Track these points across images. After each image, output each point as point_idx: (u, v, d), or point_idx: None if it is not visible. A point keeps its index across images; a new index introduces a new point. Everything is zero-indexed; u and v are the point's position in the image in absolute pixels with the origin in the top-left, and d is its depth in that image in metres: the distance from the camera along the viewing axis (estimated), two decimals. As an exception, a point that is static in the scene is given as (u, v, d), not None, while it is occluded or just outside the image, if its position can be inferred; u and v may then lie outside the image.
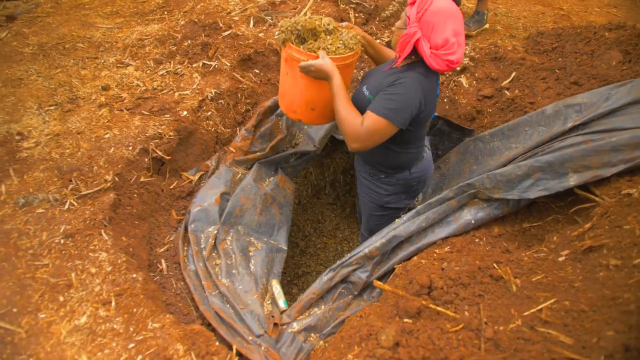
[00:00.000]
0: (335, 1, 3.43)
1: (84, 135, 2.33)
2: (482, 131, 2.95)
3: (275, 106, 2.93)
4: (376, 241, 2.08)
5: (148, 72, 2.83)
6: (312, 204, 3.68)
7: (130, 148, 2.28)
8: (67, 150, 2.24)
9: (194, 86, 2.74)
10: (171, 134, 2.42)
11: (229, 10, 3.31)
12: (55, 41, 3.00)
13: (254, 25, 3.22)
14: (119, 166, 2.20)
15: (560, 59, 3.07)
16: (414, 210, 2.12)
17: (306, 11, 3.30)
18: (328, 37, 2.03)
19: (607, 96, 2.27)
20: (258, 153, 2.71)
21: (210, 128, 2.65)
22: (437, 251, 2.02)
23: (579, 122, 2.21)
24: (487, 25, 3.51)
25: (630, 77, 2.58)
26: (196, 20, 3.17)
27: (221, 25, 3.12)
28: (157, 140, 2.36)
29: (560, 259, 1.79)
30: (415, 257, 2.02)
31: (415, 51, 1.86)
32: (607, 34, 2.93)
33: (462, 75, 3.20)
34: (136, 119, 2.45)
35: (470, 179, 2.22)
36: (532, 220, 2.13)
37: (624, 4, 4.53)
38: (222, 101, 2.76)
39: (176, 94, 2.67)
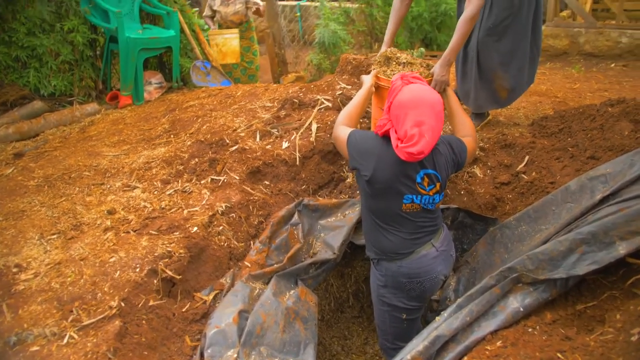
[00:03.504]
0: (338, 109, 3.49)
1: (87, 261, 2.17)
2: (506, 219, 2.80)
3: (289, 215, 2.81)
4: (418, 344, 1.82)
5: (155, 192, 2.76)
6: (336, 319, 3.39)
7: (138, 270, 2.10)
8: (69, 279, 2.06)
9: (203, 202, 2.65)
10: (181, 251, 2.26)
11: (234, 127, 3.34)
12: (61, 172, 2.97)
13: (260, 139, 3.23)
14: (125, 290, 2.00)
15: (569, 139, 3.03)
16: (454, 304, 1.89)
17: (311, 121, 3.33)
18: (398, 66, 2.47)
19: (631, 163, 2.18)
20: (275, 265, 2.53)
21: (222, 243, 2.49)
22: (488, 348, 1.76)
23: (608, 193, 2.09)
24: (490, 117, 3.53)
25: (649, 144, 2.51)
26: (202, 139, 3.18)
27: (228, 141, 3.12)
28: (166, 260, 2.19)
29: (633, 338, 1.54)
30: (465, 359, 1.75)
31: None
32: (610, 109, 2.92)
33: (475, 166, 3.13)
34: (143, 240, 2.30)
35: (518, 257, 2.03)
36: (585, 300, 1.89)
37: (613, 88, 4.66)
38: (234, 215, 2.64)
39: (185, 211, 2.56)
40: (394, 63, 2.49)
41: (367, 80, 2.40)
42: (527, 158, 2.98)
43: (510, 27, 2.93)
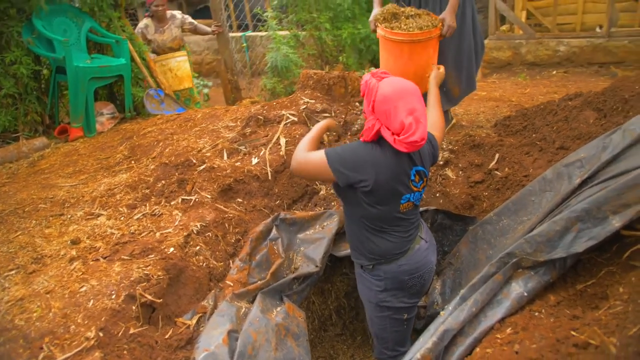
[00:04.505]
0: (305, 123, 3.44)
1: (54, 293, 1.95)
2: (485, 216, 2.80)
3: (267, 231, 2.69)
4: (426, 342, 1.74)
5: (122, 218, 2.57)
6: (320, 339, 3.24)
7: (114, 296, 1.91)
8: (35, 314, 1.84)
9: (176, 223, 2.49)
10: (159, 273, 2.09)
11: (199, 148, 3.21)
12: (13, 207, 2.73)
13: (228, 157, 3.11)
14: (102, 319, 1.81)
15: (534, 135, 3.10)
16: (458, 297, 1.84)
17: (279, 135, 3.25)
18: (408, 19, 2.63)
19: (604, 146, 2.22)
20: (259, 282, 2.39)
21: (201, 264, 2.34)
22: (499, 336, 1.70)
23: (586, 176, 2.12)
24: (454, 121, 3.59)
25: (613, 128, 2.59)
26: (167, 162, 3.03)
27: (194, 161, 2.99)
28: (144, 284, 2.02)
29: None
30: (477, 349, 1.68)
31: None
32: (570, 102, 3.03)
33: (447, 168, 3.14)
34: (116, 266, 2.11)
35: (505, 249, 2.00)
36: (583, 280, 1.88)
37: (561, 90, 4.89)
38: (210, 234, 2.49)
39: (157, 233, 2.39)
40: (403, 17, 2.68)
41: (322, 122, 2.22)
42: (497, 156, 3.02)
43: (459, 28, 3.03)
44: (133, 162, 3.23)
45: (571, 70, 5.75)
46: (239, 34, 9.47)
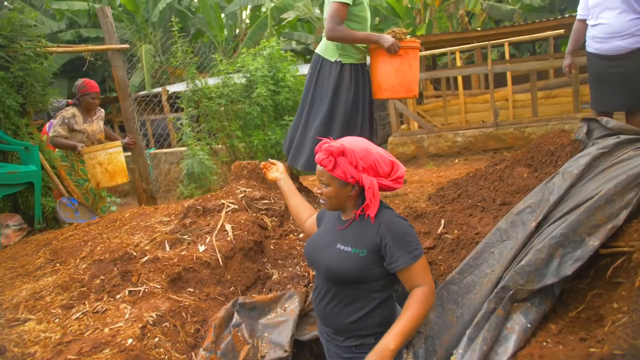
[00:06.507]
0: (246, 210, 3.33)
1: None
2: (444, 280, 2.81)
3: (229, 316, 2.44)
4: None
5: (57, 321, 2.18)
6: None
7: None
8: None
9: (127, 316, 2.16)
10: (121, 369, 1.75)
11: (135, 243, 2.93)
12: None
13: (171, 248, 2.87)
14: None
15: (469, 200, 3.29)
16: (465, 338, 1.76)
17: (223, 222, 3.10)
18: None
19: (548, 190, 2.40)
20: (229, 373, 2.10)
21: (162, 357, 2.01)
22: (521, 371, 1.62)
23: (540, 218, 2.25)
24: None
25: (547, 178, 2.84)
26: (101, 258, 2.70)
27: (135, 254, 2.70)
28: (104, 382, 1.67)
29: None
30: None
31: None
32: (497, 166, 3.31)
33: (396, 239, 3.16)
34: (63, 368, 1.74)
35: (490, 294, 1.99)
36: (573, 307, 1.91)
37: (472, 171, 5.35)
38: (167, 324, 2.19)
39: (106, 329, 2.05)
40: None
41: (282, 180, 2.37)
42: (443, 221, 3.12)
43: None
44: (58, 264, 2.84)
45: (470, 157, 6.37)
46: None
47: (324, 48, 3.42)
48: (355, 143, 1.86)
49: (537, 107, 6.52)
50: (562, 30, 6.05)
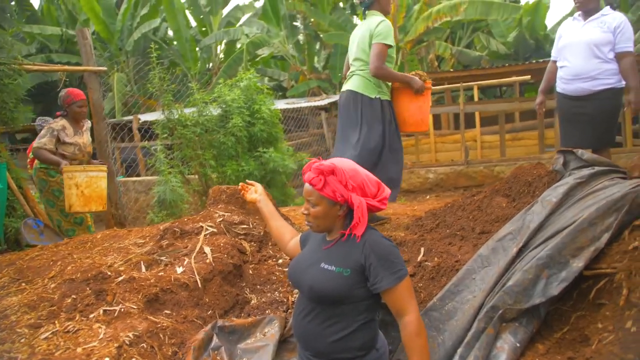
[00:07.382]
0: (224, 233, 3.27)
1: None
2: (424, 307, 2.81)
3: (209, 339, 2.35)
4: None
5: (23, 340, 2.05)
6: None
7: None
8: None
9: (101, 336, 2.05)
10: (97, 388, 1.65)
11: (109, 263, 2.82)
12: None
13: (147, 269, 2.77)
14: None
15: (448, 230, 3.33)
16: (457, 356, 1.75)
17: (201, 245, 3.03)
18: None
19: (528, 218, 2.46)
20: (210, 398, 2.01)
21: (139, 379, 1.91)
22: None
23: (521, 244, 2.30)
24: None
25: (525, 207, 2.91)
26: (73, 277, 2.58)
27: (110, 273, 2.60)
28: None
29: (632, 329, 1.61)
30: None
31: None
32: (475, 197, 3.38)
33: (376, 266, 3.15)
34: (34, 386, 1.63)
35: (479, 314, 2.00)
36: (558, 329, 1.94)
37: (452, 195, 5.45)
38: (144, 345, 2.10)
39: (79, 348, 1.94)
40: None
41: (262, 202, 2.36)
42: (423, 249, 3.14)
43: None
44: (24, 284, 2.69)
45: (441, 194, 6.50)
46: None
47: (363, 86, 3.61)
48: (344, 163, 1.88)
49: (505, 148, 6.77)
50: (529, 76, 6.37)
